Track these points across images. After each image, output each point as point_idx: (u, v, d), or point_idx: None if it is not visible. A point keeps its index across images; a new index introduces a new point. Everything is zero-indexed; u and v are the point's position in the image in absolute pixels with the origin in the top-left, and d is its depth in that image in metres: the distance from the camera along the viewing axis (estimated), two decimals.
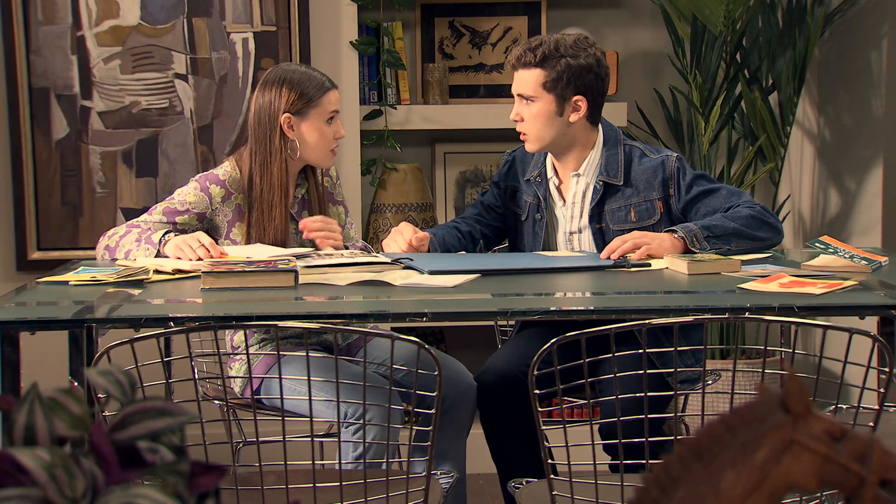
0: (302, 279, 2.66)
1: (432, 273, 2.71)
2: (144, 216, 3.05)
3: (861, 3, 4.31)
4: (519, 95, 3.08)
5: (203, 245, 2.84)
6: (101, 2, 4.12)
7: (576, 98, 3.04)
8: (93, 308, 2.41)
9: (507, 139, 4.36)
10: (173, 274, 2.77)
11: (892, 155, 4.24)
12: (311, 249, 2.99)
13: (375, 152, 4.32)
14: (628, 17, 4.44)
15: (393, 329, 3.42)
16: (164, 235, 2.94)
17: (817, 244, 2.90)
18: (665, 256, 2.88)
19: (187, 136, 4.18)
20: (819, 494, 2.27)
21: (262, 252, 2.90)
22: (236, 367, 2.97)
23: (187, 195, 3.04)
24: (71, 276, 2.76)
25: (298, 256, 2.85)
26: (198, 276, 2.67)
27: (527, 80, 3.05)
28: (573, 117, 3.06)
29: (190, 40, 4.16)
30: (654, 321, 2.25)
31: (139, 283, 2.69)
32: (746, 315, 2.38)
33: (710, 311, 2.36)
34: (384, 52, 4.23)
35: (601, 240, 3.09)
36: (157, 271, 2.78)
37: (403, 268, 2.82)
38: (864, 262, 2.79)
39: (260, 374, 2.87)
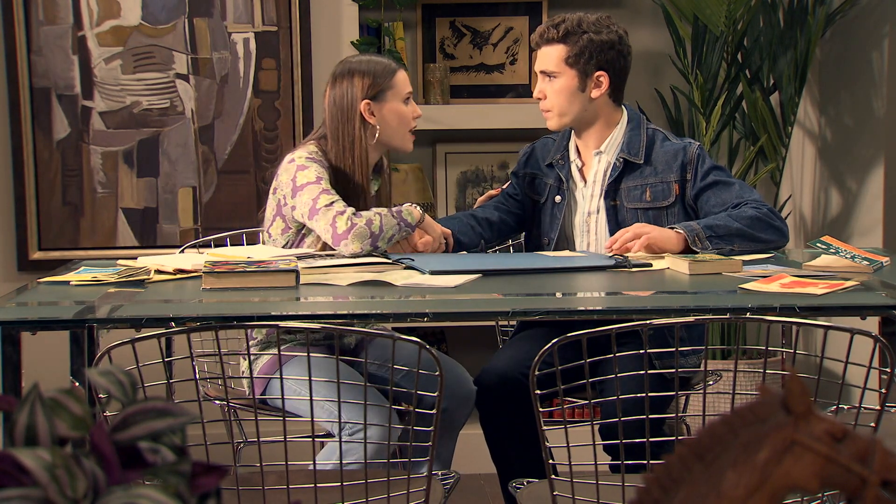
0: (303, 279, 2.66)
1: (433, 273, 2.71)
2: (340, 205, 2.88)
3: (862, 3, 4.31)
4: (542, 72, 3.12)
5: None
6: (102, 2, 4.12)
7: (598, 73, 3.08)
8: (94, 308, 2.41)
9: (508, 139, 4.37)
10: (174, 274, 2.77)
11: (894, 155, 4.24)
12: (313, 250, 2.99)
13: None
14: (629, 16, 4.44)
15: (394, 329, 3.42)
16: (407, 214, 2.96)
17: (818, 244, 2.90)
18: (666, 257, 2.88)
19: (188, 136, 4.18)
20: (820, 495, 2.27)
21: (264, 252, 2.90)
22: (246, 366, 2.94)
23: (320, 173, 2.95)
24: (72, 276, 2.76)
25: (300, 256, 2.85)
26: (199, 276, 2.67)
27: (550, 55, 3.09)
28: (595, 93, 3.09)
29: (191, 40, 4.16)
30: (656, 321, 2.25)
31: (140, 283, 2.69)
32: (748, 315, 2.38)
33: (712, 311, 2.36)
34: (385, 52, 4.23)
35: (614, 219, 3.10)
36: (158, 271, 2.78)
37: (404, 268, 2.82)
38: (865, 262, 2.79)
39: (267, 372, 2.85)
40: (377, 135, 3.02)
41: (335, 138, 3.02)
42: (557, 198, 3.18)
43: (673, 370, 2.92)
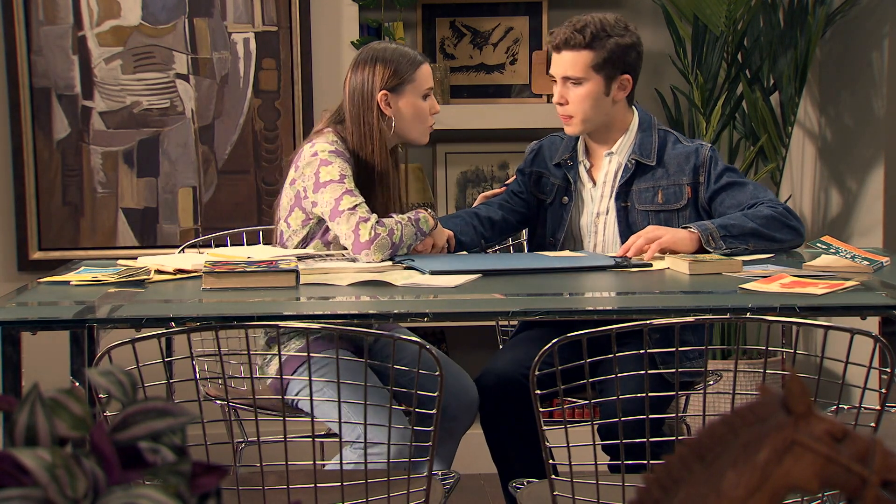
0: (303, 279, 2.66)
1: (433, 273, 2.71)
2: (363, 211, 2.86)
3: (862, 3, 4.31)
4: (564, 78, 3.07)
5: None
6: (103, 2, 4.12)
7: (623, 77, 3.07)
8: (94, 308, 2.41)
9: (508, 139, 4.37)
10: (174, 274, 2.77)
11: (894, 155, 4.24)
12: (313, 250, 2.98)
13: None
14: (629, 17, 4.42)
15: (394, 330, 3.41)
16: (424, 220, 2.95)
17: (819, 244, 2.89)
18: (666, 257, 2.88)
19: (188, 136, 4.18)
20: (820, 495, 2.27)
21: (264, 252, 2.89)
22: (266, 365, 2.91)
23: (344, 169, 2.92)
24: (72, 276, 2.76)
25: (300, 257, 2.85)
26: (199, 276, 2.67)
27: (575, 61, 3.05)
28: (619, 96, 3.09)
29: (191, 40, 4.16)
30: (656, 321, 2.25)
31: (140, 283, 2.69)
32: (748, 315, 2.38)
33: (712, 311, 2.36)
34: None
35: (625, 220, 3.09)
36: (158, 271, 2.78)
37: (405, 268, 2.82)
38: (865, 262, 2.79)
39: (287, 373, 2.82)
40: (392, 127, 3.01)
41: (356, 123, 2.99)
42: (565, 198, 3.17)
43: (683, 370, 2.93)
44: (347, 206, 2.84)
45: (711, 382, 3.18)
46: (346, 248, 3.01)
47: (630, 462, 2.22)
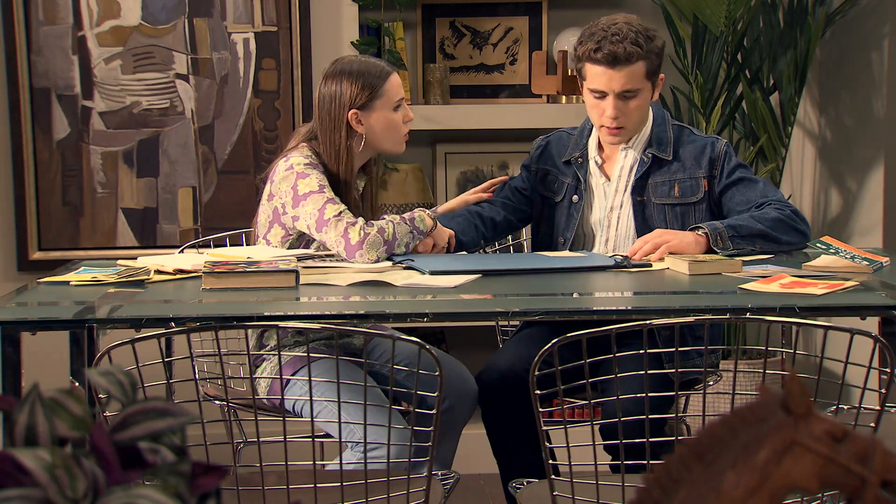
0: (303, 279, 2.66)
1: (433, 273, 2.71)
2: (349, 216, 2.84)
3: (862, 4, 4.31)
4: (622, 92, 3.01)
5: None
6: (102, 2, 4.12)
7: (660, 77, 3.09)
8: (94, 308, 2.41)
9: (508, 139, 4.37)
10: (174, 274, 2.77)
11: (893, 155, 4.24)
12: (313, 251, 2.98)
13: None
14: None
15: (395, 330, 3.41)
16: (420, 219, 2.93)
17: (818, 244, 2.90)
18: (666, 257, 2.88)
19: (188, 136, 4.18)
20: (820, 495, 2.27)
21: (264, 252, 2.89)
22: (261, 370, 2.91)
23: (322, 180, 2.90)
24: (72, 277, 2.76)
25: (300, 257, 2.85)
26: (199, 277, 2.67)
27: (635, 74, 3.02)
28: (656, 96, 3.11)
29: (191, 40, 4.16)
30: (655, 322, 2.25)
31: (140, 283, 2.69)
32: (748, 315, 2.38)
33: (712, 311, 2.36)
34: (385, 52, 4.23)
35: (641, 215, 3.08)
36: (158, 271, 2.78)
37: (404, 268, 2.82)
38: (865, 262, 2.79)
39: (286, 375, 2.81)
40: (363, 142, 2.98)
41: (325, 142, 2.97)
42: (575, 197, 3.15)
43: (689, 370, 2.93)
44: (332, 213, 2.83)
45: (711, 382, 3.17)
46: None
47: (631, 462, 2.22)
